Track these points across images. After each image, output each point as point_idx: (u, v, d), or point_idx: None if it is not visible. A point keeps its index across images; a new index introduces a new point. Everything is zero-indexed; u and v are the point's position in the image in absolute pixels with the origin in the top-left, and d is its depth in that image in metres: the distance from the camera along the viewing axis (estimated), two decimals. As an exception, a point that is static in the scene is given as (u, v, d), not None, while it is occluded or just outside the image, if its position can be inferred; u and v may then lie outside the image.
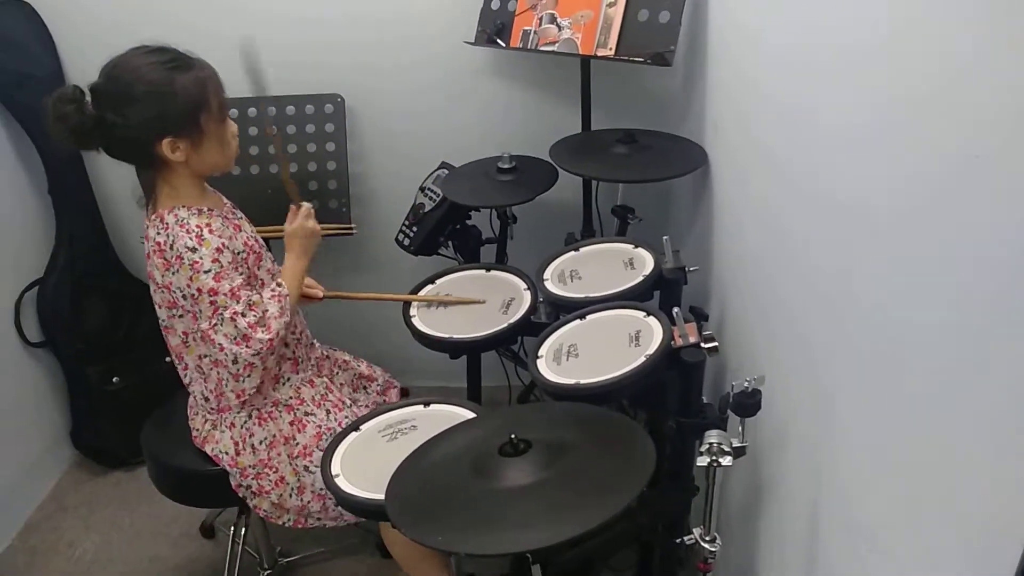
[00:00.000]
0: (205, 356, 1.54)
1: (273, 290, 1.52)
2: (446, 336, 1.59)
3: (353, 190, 2.21)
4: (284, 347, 1.64)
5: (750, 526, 1.42)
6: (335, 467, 1.33)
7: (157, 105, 1.40)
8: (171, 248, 1.44)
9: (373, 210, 2.34)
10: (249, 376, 1.50)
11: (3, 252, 2.16)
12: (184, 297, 1.46)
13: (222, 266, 1.45)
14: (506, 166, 1.94)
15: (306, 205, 1.63)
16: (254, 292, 1.50)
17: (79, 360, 2.31)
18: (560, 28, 1.90)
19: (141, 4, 2.14)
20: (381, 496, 1.14)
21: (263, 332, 1.46)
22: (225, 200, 1.64)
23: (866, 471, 0.93)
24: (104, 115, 1.40)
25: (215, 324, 1.44)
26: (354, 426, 1.44)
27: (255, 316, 1.46)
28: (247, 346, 1.45)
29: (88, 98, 1.42)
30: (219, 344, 1.45)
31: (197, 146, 1.46)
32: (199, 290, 1.43)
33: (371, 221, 2.33)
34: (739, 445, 1.13)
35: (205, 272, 1.43)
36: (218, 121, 1.48)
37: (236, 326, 1.44)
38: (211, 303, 1.43)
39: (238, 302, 1.45)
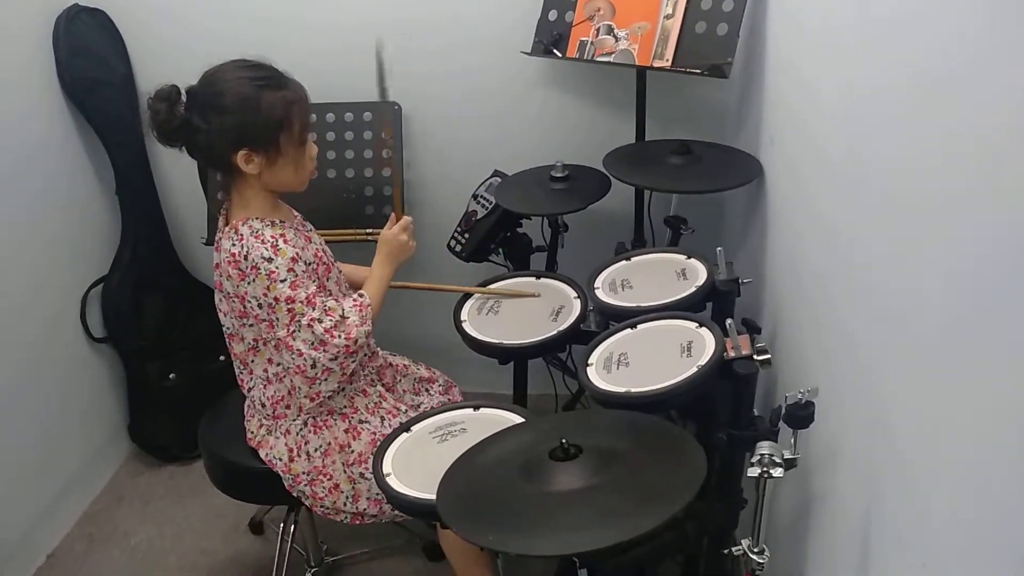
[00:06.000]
0: (277, 364, 1.58)
1: (355, 300, 1.56)
2: (496, 341, 1.61)
3: (406, 196, 2.25)
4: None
5: (799, 539, 1.40)
6: (387, 466, 1.36)
7: (239, 117, 1.45)
8: (245, 259, 1.48)
9: (426, 216, 2.37)
10: (326, 380, 1.53)
11: (72, 249, 2.25)
12: (260, 306, 1.49)
13: (297, 275, 1.48)
14: (559, 175, 1.96)
15: (405, 218, 1.70)
16: (329, 298, 1.53)
17: (139, 356, 2.38)
18: (617, 39, 1.91)
19: (209, 13, 2.21)
20: (431, 496, 1.16)
21: (340, 337, 1.49)
22: (295, 213, 1.68)
23: (920, 488, 0.91)
24: (191, 118, 1.47)
25: (293, 331, 1.48)
26: (405, 427, 1.46)
27: (331, 321, 1.49)
28: (324, 351, 1.48)
29: (183, 99, 1.49)
30: (297, 350, 1.48)
31: (272, 163, 1.51)
32: (276, 299, 1.47)
33: (423, 227, 2.36)
34: (791, 457, 1.12)
35: (281, 281, 1.47)
36: (297, 144, 1.52)
37: (313, 331, 1.47)
38: (288, 311, 1.47)
39: (314, 308, 1.48)
